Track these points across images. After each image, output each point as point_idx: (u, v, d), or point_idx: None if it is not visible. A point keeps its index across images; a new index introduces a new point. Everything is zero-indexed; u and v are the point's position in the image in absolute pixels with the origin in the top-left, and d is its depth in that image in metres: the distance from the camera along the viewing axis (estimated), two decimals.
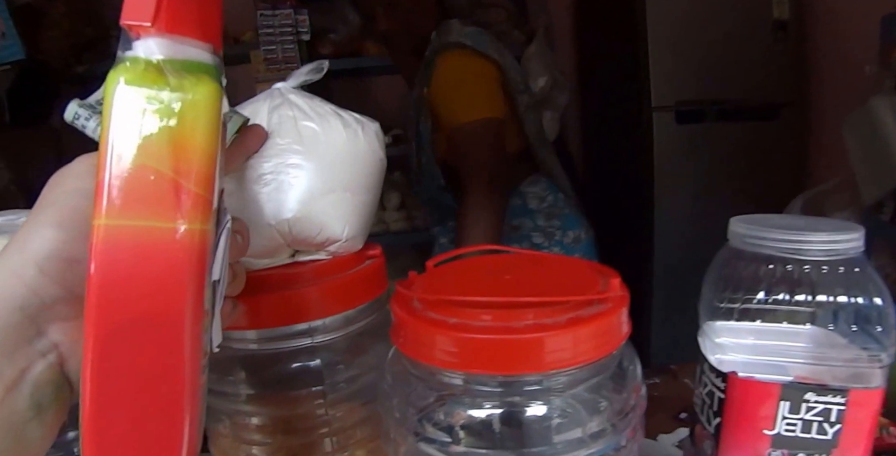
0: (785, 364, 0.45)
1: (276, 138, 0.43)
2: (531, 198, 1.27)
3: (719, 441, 0.45)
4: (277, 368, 0.44)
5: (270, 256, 0.44)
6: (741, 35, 1.96)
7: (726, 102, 1.99)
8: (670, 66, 1.96)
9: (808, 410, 0.43)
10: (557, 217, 1.27)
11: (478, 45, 1.17)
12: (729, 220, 0.52)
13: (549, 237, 1.26)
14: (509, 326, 0.32)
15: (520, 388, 0.34)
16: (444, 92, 1.16)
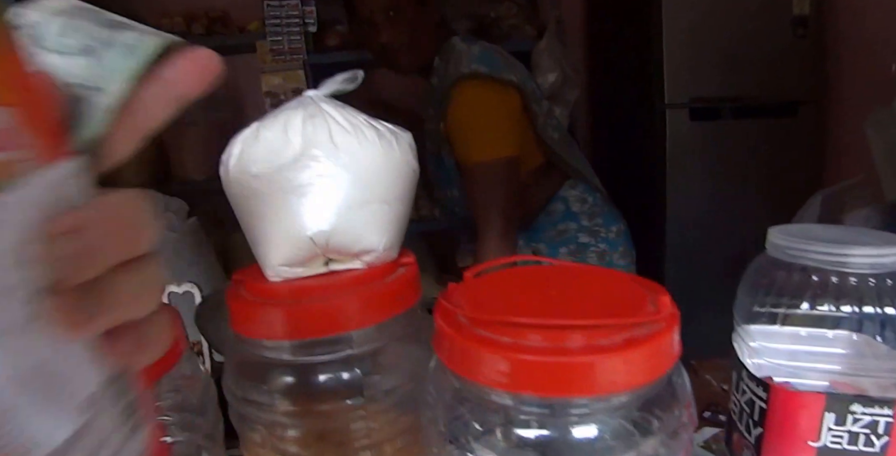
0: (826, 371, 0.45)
1: (313, 149, 0.42)
2: (573, 201, 1.28)
3: (761, 452, 0.44)
4: (313, 379, 0.43)
5: (305, 265, 0.43)
6: (759, 31, 1.93)
7: (742, 100, 1.97)
8: (685, 62, 1.94)
9: (854, 421, 0.42)
10: (599, 215, 1.30)
11: (493, 70, 1.15)
12: (747, 225, 0.52)
13: (594, 235, 1.28)
14: (561, 347, 0.32)
15: (569, 410, 0.33)
16: (460, 127, 1.16)
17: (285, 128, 0.44)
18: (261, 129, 0.44)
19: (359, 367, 0.43)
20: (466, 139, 1.15)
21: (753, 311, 0.49)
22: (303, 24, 2.12)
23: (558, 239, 1.26)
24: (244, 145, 0.44)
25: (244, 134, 0.45)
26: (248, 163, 0.43)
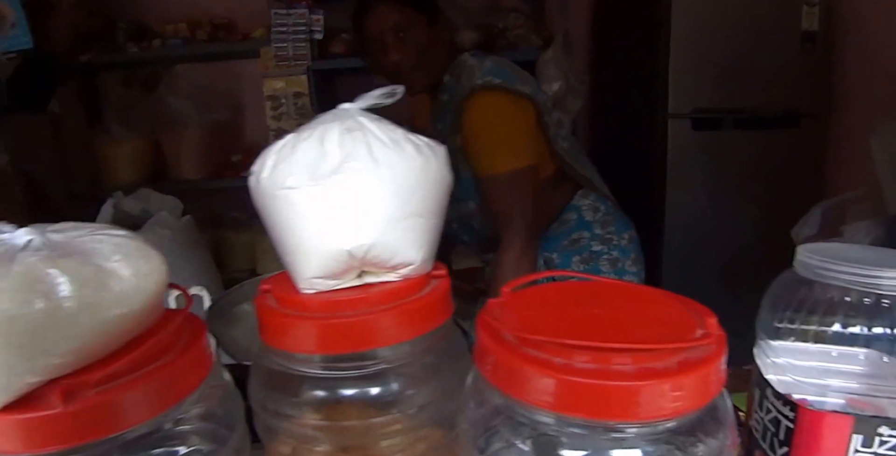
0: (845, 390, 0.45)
1: (352, 162, 0.42)
2: (586, 210, 1.29)
3: None
4: (344, 393, 0.43)
5: (339, 278, 0.43)
6: (766, 43, 1.96)
7: (745, 111, 1.99)
8: (689, 73, 1.96)
9: (881, 443, 0.42)
10: (611, 223, 1.30)
11: (507, 81, 1.16)
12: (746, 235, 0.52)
13: (606, 243, 1.29)
14: (610, 370, 0.32)
15: (614, 434, 0.33)
16: (477, 138, 1.16)
17: (322, 140, 0.44)
18: (297, 141, 0.44)
19: (391, 382, 0.43)
20: (485, 150, 1.15)
21: (777, 327, 0.49)
22: (309, 31, 2.13)
23: (571, 248, 1.27)
24: (279, 157, 0.44)
25: (277, 146, 0.45)
26: (284, 175, 0.43)
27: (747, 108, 1.99)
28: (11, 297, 0.32)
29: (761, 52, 1.96)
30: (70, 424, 0.34)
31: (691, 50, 1.96)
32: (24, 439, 0.34)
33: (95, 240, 0.37)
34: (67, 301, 0.33)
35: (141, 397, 0.36)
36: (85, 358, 0.35)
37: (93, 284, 0.34)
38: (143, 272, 0.36)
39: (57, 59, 2.17)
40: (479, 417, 0.38)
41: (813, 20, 1.95)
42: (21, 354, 0.32)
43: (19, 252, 0.35)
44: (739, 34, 1.95)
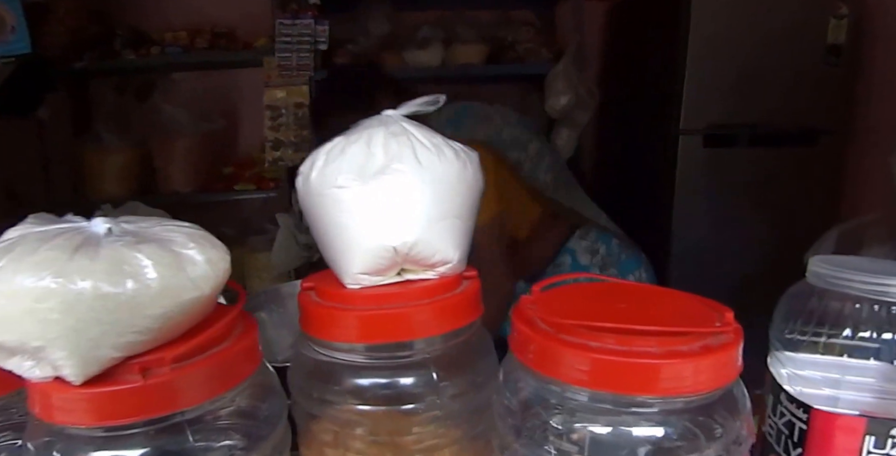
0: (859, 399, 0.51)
1: (397, 164, 0.49)
2: (582, 253, 1.32)
3: None
4: (383, 381, 0.49)
5: (382, 274, 0.49)
6: (787, 57, 2.00)
7: (760, 127, 2.04)
8: (704, 88, 2.02)
9: (893, 445, 0.47)
10: (613, 265, 1.33)
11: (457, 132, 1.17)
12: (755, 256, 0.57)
13: None
14: (637, 350, 0.38)
15: (641, 408, 0.39)
16: None
17: (369, 143, 0.50)
18: (346, 144, 0.51)
19: (426, 371, 0.49)
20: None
21: (790, 337, 0.55)
22: (314, 42, 2.22)
23: None
24: (328, 158, 0.50)
25: (326, 147, 0.52)
26: (334, 174, 0.49)
27: (763, 124, 2.04)
28: (103, 277, 0.38)
29: (780, 65, 2.01)
30: (146, 397, 0.40)
31: (708, 64, 2.01)
32: (104, 410, 0.40)
33: (167, 229, 0.44)
34: (152, 283, 0.39)
35: (205, 378, 0.42)
36: (160, 338, 0.41)
37: (172, 268, 0.40)
38: (213, 259, 0.42)
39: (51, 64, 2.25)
40: (514, 404, 0.44)
41: (840, 33, 1.99)
42: (108, 330, 0.39)
43: (104, 238, 0.41)
44: (758, 46, 2.00)
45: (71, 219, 0.44)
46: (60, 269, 0.38)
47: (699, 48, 2.01)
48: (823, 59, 2.02)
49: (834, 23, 2.02)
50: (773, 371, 0.54)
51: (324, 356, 0.49)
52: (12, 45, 1.87)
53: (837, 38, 2.01)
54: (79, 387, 0.39)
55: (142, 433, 0.42)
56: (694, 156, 2.05)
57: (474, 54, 2.39)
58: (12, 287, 0.38)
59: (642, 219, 2.22)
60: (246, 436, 0.47)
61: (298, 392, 0.51)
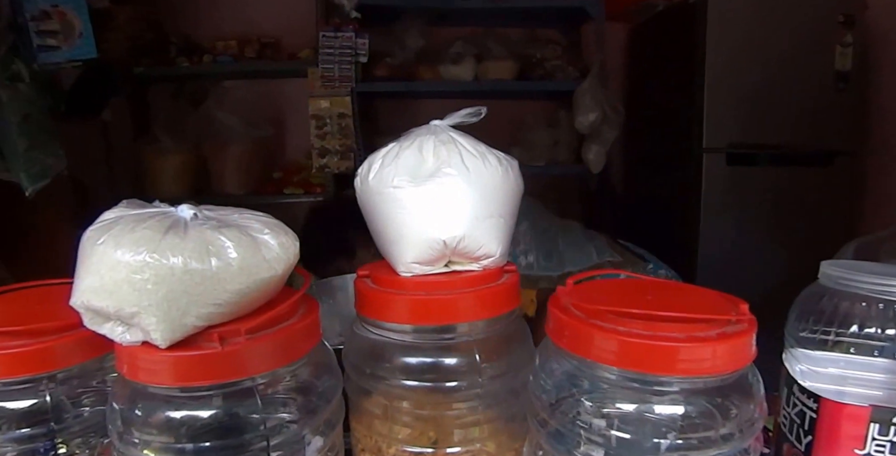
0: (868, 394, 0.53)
1: (447, 168, 0.52)
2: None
3: None
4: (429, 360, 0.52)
5: (432, 264, 0.53)
6: (801, 82, 2.05)
7: (779, 147, 2.08)
8: (725, 109, 2.06)
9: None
10: None
11: None
12: (778, 271, 0.60)
13: None
14: (661, 335, 0.41)
15: (665, 387, 0.42)
16: None
17: (420, 149, 0.54)
18: (400, 149, 0.54)
19: (469, 353, 0.52)
20: None
21: (803, 335, 0.58)
22: (355, 54, 2.27)
23: None
24: (384, 161, 0.54)
25: (382, 152, 0.56)
26: (390, 176, 0.53)
27: (782, 145, 2.08)
28: (192, 254, 0.42)
29: (796, 89, 2.06)
30: (222, 363, 0.44)
31: (727, 85, 2.05)
32: (185, 372, 0.44)
33: (244, 217, 0.48)
34: (233, 261, 0.43)
35: (273, 349, 0.46)
36: (236, 311, 0.45)
37: (250, 249, 0.44)
38: (285, 244, 0.46)
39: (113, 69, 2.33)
40: (549, 385, 0.47)
41: (846, 61, 2.05)
42: (193, 301, 0.42)
43: (191, 221, 0.45)
44: (774, 71, 2.05)
45: (158, 205, 0.48)
46: (155, 246, 0.42)
47: (716, 71, 2.06)
48: (834, 85, 2.07)
49: (840, 50, 2.06)
50: (787, 366, 0.56)
51: (376, 336, 0.53)
52: (80, 50, 1.93)
53: (844, 65, 2.07)
54: (164, 351, 0.43)
55: (213, 396, 0.46)
56: (718, 173, 2.08)
57: (505, 70, 2.43)
58: (113, 260, 0.42)
59: (669, 232, 2.25)
60: (300, 409, 0.50)
61: (352, 369, 0.55)
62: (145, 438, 0.47)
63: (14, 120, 1.72)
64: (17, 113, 1.73)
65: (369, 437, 0.55)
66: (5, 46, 1.79)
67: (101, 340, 0.51)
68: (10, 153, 1.73)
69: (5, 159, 1.74)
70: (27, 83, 1.78)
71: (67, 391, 0.54)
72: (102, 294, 0.42)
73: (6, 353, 0.49)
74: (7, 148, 1.73)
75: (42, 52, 1.86)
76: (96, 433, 0.56)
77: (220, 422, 0.46)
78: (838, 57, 2.08)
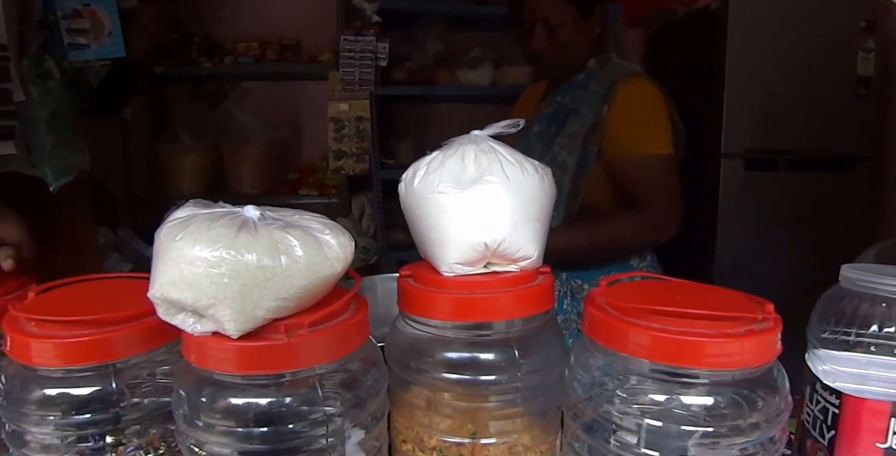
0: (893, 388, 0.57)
1: (488, 175, 0.57)
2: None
3: (833, 453, 0.56)
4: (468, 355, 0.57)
5: (473, 265, 0.58)
6: (821, 87, 2.09)
7: (799, 152, 2.11)
8: (744, 114, 2.09)
9: None
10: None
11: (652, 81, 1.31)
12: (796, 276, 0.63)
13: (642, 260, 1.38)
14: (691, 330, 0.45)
15: (694, 379, 0.46)
16: (630, 119, 1.28)
17: (462, 158, 0.59)
18: (444, 157, 0.59)
19: (507, 349, 0.57)
20: (639, 132, 1.27)
21: (825, 336, 0.62)
22: (375, 58, 2.32)
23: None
24: (429, 168, 0.59)
25: (426, 159, 0.61)
26: (435, 182, 0.58)
27: (802, 150, 2.11)
28: (264, 251, 0.47)
29: (817, 94, 2.09)
30: (289, 353, 0.48)
31: (746, 91, 2.09)
32: (253, 361, 0.48)
33: (305, 219, 0.53)
34: (300, 259, 0.48)
35: (331, 342, 0.51)
36: (299, 306, 0.50)
37: (314, 248, 0.49)
38: (343, 244, 0.51)
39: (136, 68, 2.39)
40: (585, 378, 0.52)
41: (868, 66, 2.09)
42: (264, 294, 0.47)
43: (259, 221, 0.50)
44: (795, 76, 2.08)
45: (223, 205, 0.53)
46: (230, 243, 0.47)
47: (736, 77, 2.09)
48: (855, 91, 2.10)
49: (862, 55, 2.09)
50: (810, 365, 0.61)
51: (419, 331, 0.58)
52: (109, 48, 1.99)
53: (866, 70, 2.10)
54: (233, 340, 0.48)
55: (273, 384, 0.50)
56: (736, 178, 2.12)
57: (522, 75, 2.47)
58: (192, 255, 0.46)
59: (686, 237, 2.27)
60: (347, 403, 0.54)
61: (395, 362, 0.59)
62: (208, 421, 0.52)
63: (42, 116, 1.77)
64: (45, 109, 1.78)
65: (411, 428, 0.60)
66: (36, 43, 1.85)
67: (159, 331, 0.56)
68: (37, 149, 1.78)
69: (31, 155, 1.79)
70: (56, 80, 1.83)
71: (127, 380, 0.59)
72: (181, 286, 0.47)
73: (70, 341, 0.54)
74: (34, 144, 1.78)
75: (72, 50, 1.92)
76: (152, 422, 0.61)
77: (278, 409, 0.51)
78: (860, 62, 2.10)
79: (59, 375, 0.56)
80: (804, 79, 2.09)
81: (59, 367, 0.55)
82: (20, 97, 1.89)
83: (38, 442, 0.60)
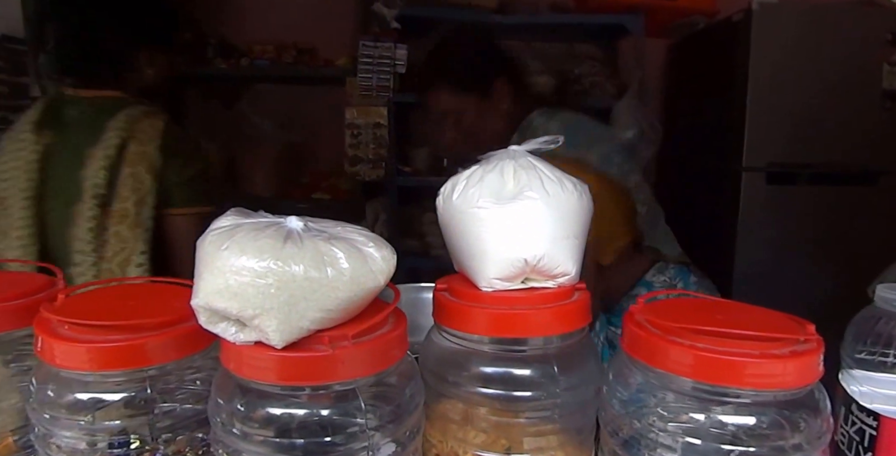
0: None
1: (528, 191, 0.58)
2: (658, 287, 1.35)
3: None
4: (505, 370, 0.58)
5: (512, 280, 0.59)
6: (845, 100, 2.10)
7: (821, 166, 2.12)
8: (766, 127, 2.10)
9: None
10: None
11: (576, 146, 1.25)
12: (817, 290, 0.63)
13: None
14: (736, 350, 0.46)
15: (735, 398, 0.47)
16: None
17: (502, 173, 0.60)
18: (483, 172, 0.61)
19: (543, 365, 0.58)
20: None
21: (860, 357, 0.63)
22: (393, 65, 2.35)
23: None
24: (468, 183, 0.60)
25: (466, 173, 0.62)
26: (474, 197, 0.59)
27: (823, 163, 2.12)
28: (311, 263, 0.48)
29: (840, 108, 2.10)
30: (332, 364, 0.49)
31: (769, 104, 2.10)
32: (295, 372, 0.49)
33: (347, 230, 0.54)
34: (345, 271, 0.49)
35: (372, 355, 0.51)
36: (343, 317, 0.51)
37: (359, 261, 0.50)
38: (386, 257, 0.52)
39: None
40: (624, 395, 0.52)
41: (894, 80, 2.10)
42: (309, 306, 0.48)
43: (303, 232, 0.51)
44: (818, 89, 2.09)
45: (264, 215, 0.54)
46: (277, 253, 0.48)
47: (758, 89, 2.10)
48: (880, 104, 2.11)
49: (888, 69, 2.10)
50: (844, 385, 0.61)
51: (455, 344, 0.59)
52: None
53: (892, 84, 2.11)
54: (276, 350, 0.49)
55: (313, 395, 0.52)
56: (757, 192, 2.13)
57: (542, 85, 2.49)
58: (238, 265, 0.48)
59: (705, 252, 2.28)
60: (384, 417, 0.54)
61: (430, 374, 0.60)
62: (245, 430, 0.53)
63: None
64: None
65: (444, 442, 0.61)
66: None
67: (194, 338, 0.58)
68: None
69: None
70: None
71: (159, 387, 0.60)
72: (227, 296, 0.48)
73: (105, 346, 0.55)
74: None
75: None
76: (184, 429, 0.62)
77: (316, 421, 0.52)
78: (886, 76, 2.11)
79: (92, 380, 0.57)
80: (828, 92, 2.10)
81: (93, 371, 0.56)
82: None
83: (67, 446, 0.61)
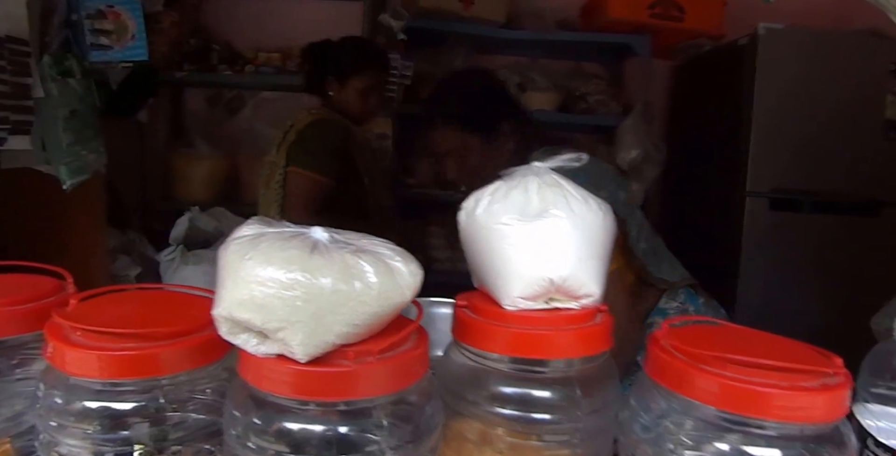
0: None
1: (554, 209, 0.58)
2: (673, 313, 1.35)
3: None
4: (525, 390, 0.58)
5: (535, 300, 0.59)
6: (848, 129, 2.12)
7: (824, 194, 2.14)
8: (770, 153, 2.12)
9: None
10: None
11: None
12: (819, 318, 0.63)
13: None
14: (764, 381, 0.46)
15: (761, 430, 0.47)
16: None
17: (526, 190, 0.60)
18: (508, 188, 0.61)
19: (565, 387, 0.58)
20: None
21: (877, 391, 0.63)
22: (400, 76, 2.35)
23: None
24: (493, 198, 0.61)
25: (490, 189, 0.62)
26: (499, 213, 0.59)
27: (827, 192, 2.14)
28: (339, 276, 0.48)
29: (843, 137, 2.12)
30: (354, 380, 0.49)
31: (773, 129, 2.12)
32: (317, 387, 0.49)
33: (373, 243, 0.54)
34: (373, 285, 0.49)
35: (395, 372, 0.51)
36: (367, 332, 0.51)
37: (386, 275, 0.50)
38: (414, 271, 0.52)
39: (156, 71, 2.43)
40: (646, 420, 0.52)
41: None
42: (336, 320, 0.48)
43: (330, 245, 0.51)
44: (822, 118, 2.12)
45: (286, 224, 0.54)
46: (304, 265, 0.48)
47: (763, 114, 2.12)
48: (883, 135, 2.12)
49: (891, 99, 2.12)
50: (859, 419, 0.61)
51: (474, 362, 0.59)
52: (132, 51, 2.00)
53: (895, 114, 2.13)
54: (298, 364, 0.48)
55: (332, 411, 0.51)
56: (760, 218, 2.14)
57: (547, 101, 2.51)
58: (264, 275, 0.47)
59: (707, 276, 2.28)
60: (401, 436, 0.53)
61: (447, 392, 0.60)
62: (261, 444, 0.52)
63: (61, 114, 1.79)
64: (64, 107, 1.80)
65: None
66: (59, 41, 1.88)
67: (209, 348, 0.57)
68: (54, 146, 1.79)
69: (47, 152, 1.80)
70: (77, 79, 1.85)
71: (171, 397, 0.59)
72: (251, 307, 0.48)
73: (117, 354, 0.54)
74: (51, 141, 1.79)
75: (94, 51, 1.94)
76: (193, 440, 0.61)
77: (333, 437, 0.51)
78: (888, 106, 2.13)
79: (101, 388, 0.56)
80: (832, 119, 2.12)
81: (104, 379, 0.55)
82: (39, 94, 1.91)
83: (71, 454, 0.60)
